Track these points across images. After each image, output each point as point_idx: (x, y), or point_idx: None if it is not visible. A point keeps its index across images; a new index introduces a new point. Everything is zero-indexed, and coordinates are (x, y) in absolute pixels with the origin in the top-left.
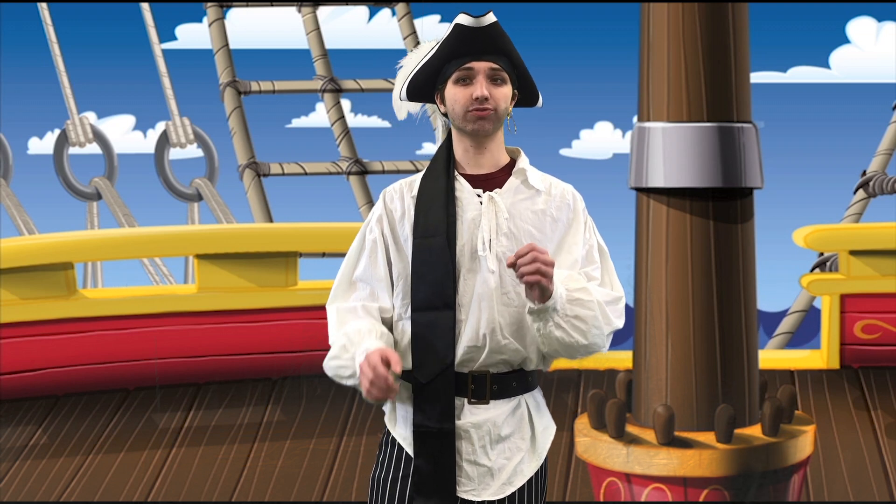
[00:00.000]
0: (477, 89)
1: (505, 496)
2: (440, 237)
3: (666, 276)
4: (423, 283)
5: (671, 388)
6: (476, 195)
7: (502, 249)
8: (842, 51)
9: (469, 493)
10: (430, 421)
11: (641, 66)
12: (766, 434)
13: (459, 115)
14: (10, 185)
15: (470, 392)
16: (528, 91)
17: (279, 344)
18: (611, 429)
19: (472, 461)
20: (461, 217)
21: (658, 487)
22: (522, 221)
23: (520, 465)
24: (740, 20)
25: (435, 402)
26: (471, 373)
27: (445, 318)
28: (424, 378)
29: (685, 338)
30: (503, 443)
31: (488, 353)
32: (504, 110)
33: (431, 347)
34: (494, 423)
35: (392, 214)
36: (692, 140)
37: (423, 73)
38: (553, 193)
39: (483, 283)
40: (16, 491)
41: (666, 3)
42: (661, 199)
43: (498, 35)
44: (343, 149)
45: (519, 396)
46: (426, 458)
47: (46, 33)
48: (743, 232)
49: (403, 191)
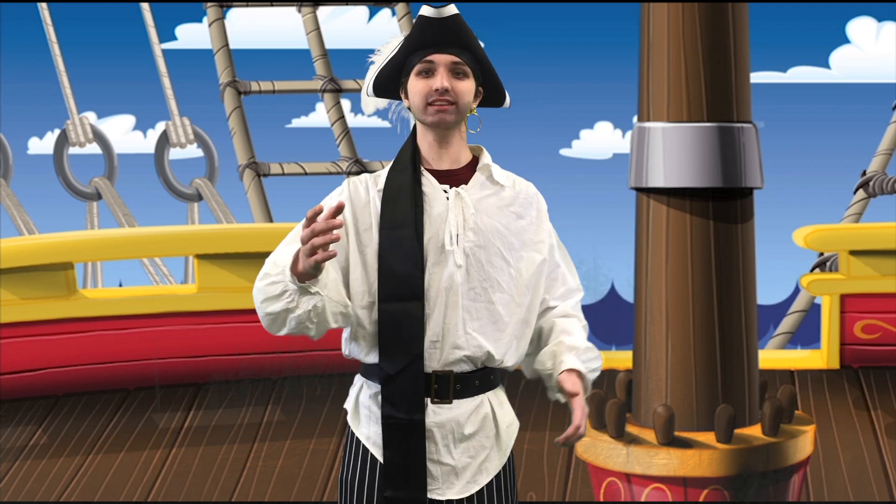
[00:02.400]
0: (437, 81)
1: (472, 494)
2: (408, 228)
3: (666, 276)
4: (392, 273)
5: (671, 388)
6: (443, 190)
7: (469, 244)
8: (842, 51)
9: (434, 493)
10: (400, 412)
11: (641, 66)
12: (766, 434)
13: (420, 108)
14: (10, 185)
15: (433, 392)
16: (494, 89)
17: (279, 344)
18: (611, 429)
19: (435, 460)
20: (428, 211)
21: (658, 487)
22: (488, 217)
23: (484, 463)
24: (740, 20)
25: (404, 394)
26: (434, 372)
27: (415, 308)
28: (393, 369)
29: (685, 338)
30: (467, 441)
31: (451, 348)
32: (466, 105)
33: (400, 338)
34: (458, 422)
35: (355, 201)
36: (692, 140)
37: (389, 67)
38: (517, 189)
39: (449, 278)
40: (16, 491)
41: (666, 3)
42: (661, 199)
43: (460, 28)
44: (343, 149)
45: (482, 395)
46: (396, 449)
47: (46, 33)
48: (743, 232)
49: (368, 183)
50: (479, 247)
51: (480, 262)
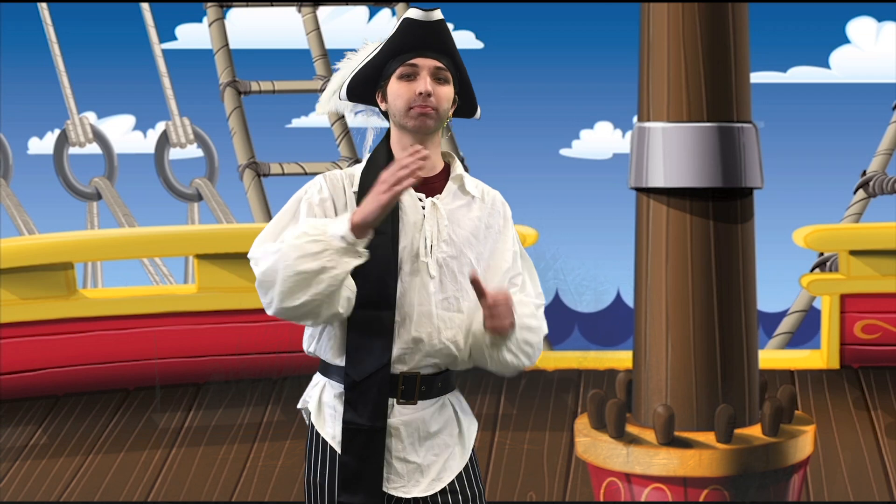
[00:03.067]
0: (420, 85)
1: (435, 492)
2: (384, 235)
3: (666, 276)
4: (366, 280)
5: (671, 388)
6: (418, 199)
7: (443, 255)
8: (842, 51)
9: (399, 490)
10: (362, 419)
11: (641, 66)
12: (766, 434)
13: (401, 111)
14: (10, 185)
15: (399, 392)
16: (468, 99)
17: (279, 344)
18: (611, 429)
19: (401, 458)
20: (403, 220)
21: (658, 487)
22: (461, 228)
23: (448, 461)
24: (740, 20)
25: (367, 401)
26: (402, 374)
27: (385, 317)
28: (359, 376)
29: (685, 338)
30: (431, 440)
31: (422, 356)
32: (445, 111)
33: (368, 346)
34: (423, 420)
35: (337, 199)
36: (692, 140)
37: (366, 70)
38: (486, 200)
39: (422, 287)
40: (16, 491)
41: (666, 3)
42: (661, 199)
43: (444, 33)
44: (343, 149)
45: (444, 396)
46: (354, 455)
47: (46, 33)
48: (743, 232)
49: (345, 183)
50: (451, 257)
51: (453, 272)
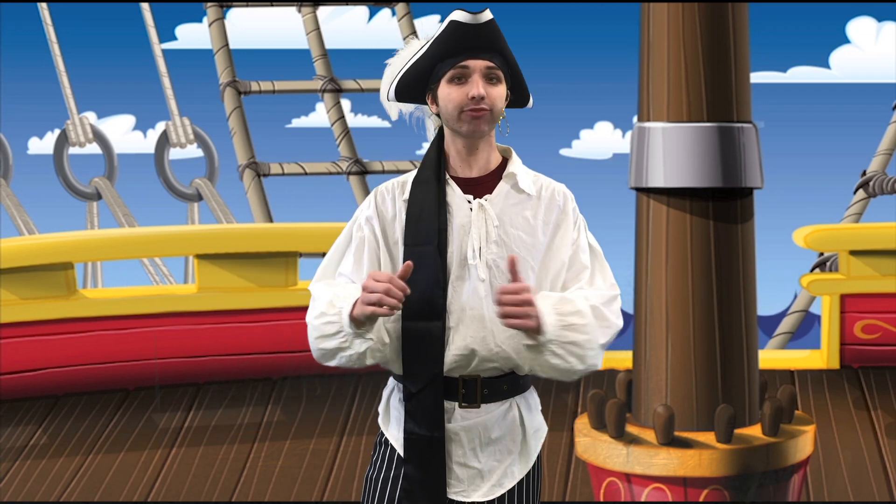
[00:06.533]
0: (473, 88)
1: (494, 497)
2: (431, 245)
3: (666, 276)
4: (414, 291)
5: (671, 388)
6: (466, 201)
7: (492, 257)
8: (842, 51)
9: (459, 495)
10: (421, 429)
11: (641, 66)
12: (766, 434)
13: (453, 116)
14: (10, 185)
15: (461, 396)
16: (520, 91)
17: (279, 344)
18: (611, 429)
19: (462, 463)
20: (451, 223)
21: (658, 487)
22: (513, 228)
23: (510, 466)
24: (740, 20)
25: (425, 411)
26: (461, 377)
27: (435, 328)
28: (415, 387)
29: (685, 338)
30: (493, 445)
31: (479, 361)
32: (499, 110)
33: (421, 357)
34: (485, 426)
35: (384, 216)
36: (692, 140)
37: (414, 72)
38: (543, 196)
39: (473, 292)
40: (16, 491)
41: (666, 3)
42: (661, 199)
43: (494, 33)
44: (343, 149)
45: (510, 399)
46: (416, 464)
47: (46, 33)
48: (743, 232)
49: (395, 192)
50: (502, 258)
51: (504, 273)
